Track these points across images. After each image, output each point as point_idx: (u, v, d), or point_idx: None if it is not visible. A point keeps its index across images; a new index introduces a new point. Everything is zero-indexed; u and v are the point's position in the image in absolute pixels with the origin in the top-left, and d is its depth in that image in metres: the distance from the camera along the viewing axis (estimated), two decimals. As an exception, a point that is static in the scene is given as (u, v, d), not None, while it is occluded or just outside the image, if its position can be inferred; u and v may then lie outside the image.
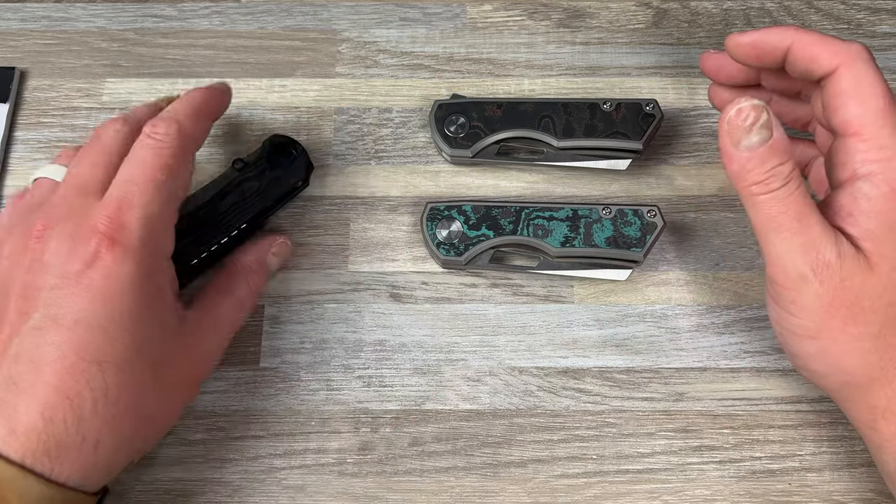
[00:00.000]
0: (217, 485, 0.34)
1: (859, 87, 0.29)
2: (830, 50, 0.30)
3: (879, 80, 0.30)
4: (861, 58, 0.30)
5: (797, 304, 0.29)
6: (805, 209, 0.29)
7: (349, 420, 0.36)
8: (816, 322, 0.29)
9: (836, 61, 0.30)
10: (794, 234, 0.29)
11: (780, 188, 0.28)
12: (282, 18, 0.44)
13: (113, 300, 0.27)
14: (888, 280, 0.28)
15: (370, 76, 0.43)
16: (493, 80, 0.43)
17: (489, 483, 0.35)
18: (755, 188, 0.29)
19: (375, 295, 0.38)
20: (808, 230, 0.29)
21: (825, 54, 0.30)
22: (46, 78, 0.43)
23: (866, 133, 0.29)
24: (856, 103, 0.29)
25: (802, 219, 0.29)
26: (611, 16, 0.45)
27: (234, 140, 0.41)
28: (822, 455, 0.35)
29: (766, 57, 0.32)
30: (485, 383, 0.36)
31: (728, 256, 0.39)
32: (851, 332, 0.29)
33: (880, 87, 0.29)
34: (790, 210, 0.29)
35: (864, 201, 0.29)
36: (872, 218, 0.29)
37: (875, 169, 0.29)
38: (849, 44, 0.30)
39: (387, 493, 0.34)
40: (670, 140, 0.41)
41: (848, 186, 0.29)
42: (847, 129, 0.30)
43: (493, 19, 0.45)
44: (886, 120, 0.29)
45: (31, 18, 0.44)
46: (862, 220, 0.29)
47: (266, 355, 0.37)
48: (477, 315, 0.38)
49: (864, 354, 0.29)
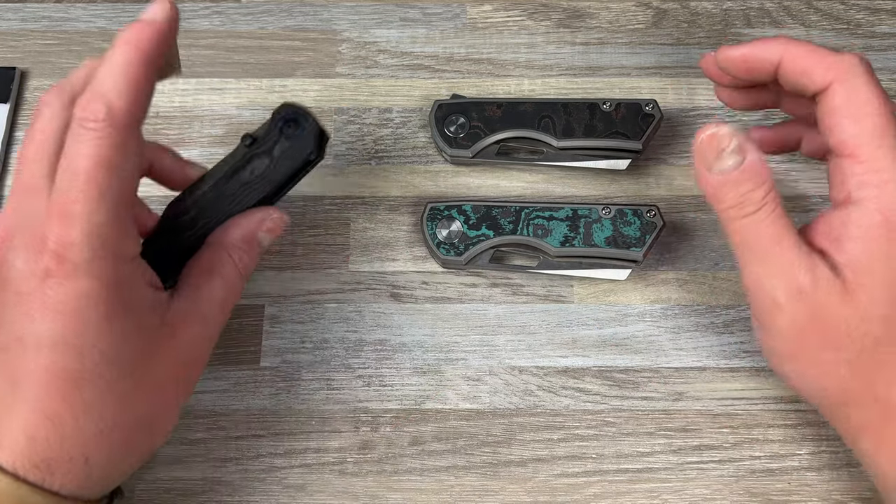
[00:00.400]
0: (217, 484, 0.35)
1: (854, 104, 0.28)
2: (823, 63, 0.28)
3: (876, 96, 0.28)
4: (855, 72, 0.28)
5: (773, 327, 0.29)
6: (781, 232, 0.28)
7: (349, 419, 0.36)
8: (791, 346, 0.29)
9: (829, 76, 0.28)
10: (768, 258, 0.28)
11: (755, 212, 0.28)
12: (282, 19, 0.44)
13: (73, 316, 0.25)
14: (865, 311, 0.27)
15: (370, 76, 0.43)
16: (493, 81, 0.43)
17: (489, 482, 0.35)
18: (730, 211, 0.28)
19: (376, 295, 0.38)
20: (783, 255, 0.28)
21: (817, 68, 0.29)
22: (47, 78, 0.43)
23: (862, 154, 0.27)
24: (850, 122, 0.28)
25: (778, 243, 0.28)
26: (610, 16, 0.45)
27: (234, 141, 0.41)
28: (821, 454, 0.35)
29: (758, 72, 0.31)
30: (485, 383, 0.37)
31: (727, 256, 0.39)
32: (827, 357, 0.28)
33: (877, 103, 0.28)
34: (765, 234, 0.28)
35: (853, 228, 0.27)
36: (859, 247, 0.27)
37: (870, 194, 0.27)
38: (842, 56, 0.28)
39: (387, 493, 0.34)
40: (670, 140, 0.42)
41: (842, 209, 0.28)
42: (842, 150, 0.28)
43: (493, 19, 0.45)
44: (884, 139, 0.27)
45: (32, 19, 0.44)
46: (848, 248, 0.27)
47: (266, 355, 0.37)
48: (477, 315, 0.38)
49: (841, 379, 0.29)
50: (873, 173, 0.27)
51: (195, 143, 0.41)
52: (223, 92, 0.42)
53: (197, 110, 0.42)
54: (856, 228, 0.27)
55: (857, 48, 0.43)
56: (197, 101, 0.42)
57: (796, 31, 0.44)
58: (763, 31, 0.44)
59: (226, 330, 0.37)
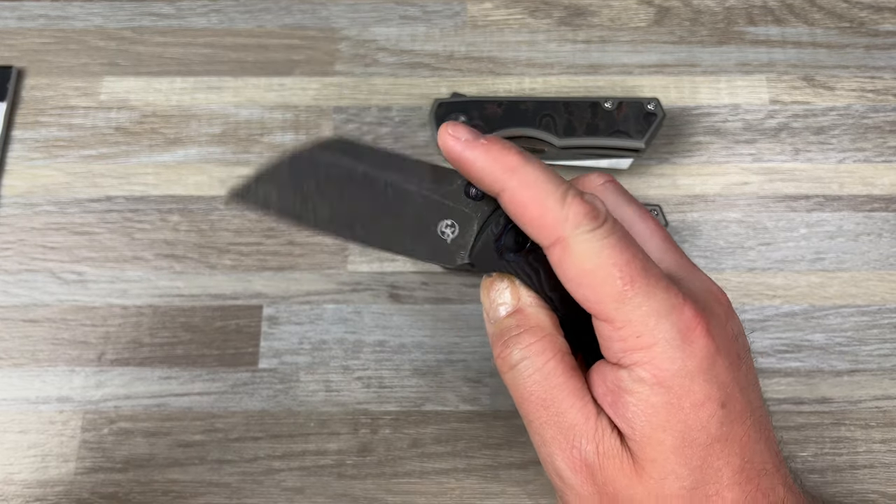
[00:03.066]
0: (215, 486, 0.34)
1: (584, 271, 0.23)
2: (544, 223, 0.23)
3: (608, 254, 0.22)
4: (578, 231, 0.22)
5: (564, 501, 0.25)
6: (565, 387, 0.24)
7: (348, 421, 0.35)
8: None
9: (550, 238, 0.23)
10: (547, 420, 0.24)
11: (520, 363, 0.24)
12: (280, 16, 0.44)
13: None
14: (659, 489, 0.23)
15: (370, 74, 0.43)
16: (493, 79, 0.43)
17: (490, 485, 0.34)
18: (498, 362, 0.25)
19: (375, 295, 0.38)
20: (562, 416, 0.23)
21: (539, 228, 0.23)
22: (44, 77, 0.42)
23: (617, 321, 0.23)
24: (588, 292, 0.23)
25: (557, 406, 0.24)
26: (612, 14, 0.44)
27: (232, 139, 0.41)
28: (824, 456, 0.35)
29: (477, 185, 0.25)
30: (485, 384, 0.36)
31: (729, 256, 0.39)
32: None
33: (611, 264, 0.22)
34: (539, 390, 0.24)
35: (628, 395, 0.23)
36: (640, 416, 0.23)
37: (640, 359, 0.23)
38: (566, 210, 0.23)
39: (386, 495, 0.34)
40: (672, 139, 0.41)
41: (613, 371, 0.24)
42: (596, 315, 0.23)
43: (493, 17, 0.44)
44: (635, 300, 0.22)
45: (29, 17, 0.44)
46: (629, 415, 0.23)
47: (265, 356, 0.37)
48: (477, 315, 0.38)
49: None
50: (635, 338, 0.23)
51: (192, 141, 0.41)
52: (221, 90, 0.42)
53: (194, 109, 0.42)
54: (630, 396, 0.23)
55: (860, 46, 0.43)
56: (194, 100, 0.42)
57: (799, 28, 0.44)
58: (766, 29, 0.44)
59: (224, 331, 0.37)
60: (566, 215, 0.23)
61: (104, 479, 0.34)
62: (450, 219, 0.25)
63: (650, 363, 0.23)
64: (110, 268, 0.38)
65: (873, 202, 0.40)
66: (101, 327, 0.37)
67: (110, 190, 0.40)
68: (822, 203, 0.40)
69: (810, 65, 0.43)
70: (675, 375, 0.23)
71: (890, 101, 0.42)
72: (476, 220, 0.25)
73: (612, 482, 0.23)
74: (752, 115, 0.42)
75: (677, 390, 0.23)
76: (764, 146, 0.41)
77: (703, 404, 0.23)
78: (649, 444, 0.23)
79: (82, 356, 0.37)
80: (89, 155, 0.41)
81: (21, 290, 0.38)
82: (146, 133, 0.41)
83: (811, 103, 0.42)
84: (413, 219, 0.25)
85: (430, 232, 0.25)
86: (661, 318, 0.23)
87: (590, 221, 0.23)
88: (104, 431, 0.35)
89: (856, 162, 0.41)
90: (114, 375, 0.36)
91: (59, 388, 0.36)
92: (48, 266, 0.38)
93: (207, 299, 0.38)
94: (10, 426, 0.35)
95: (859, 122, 0.42)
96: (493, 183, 0.24)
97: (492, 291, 0.25)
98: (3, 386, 0.36)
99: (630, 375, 0.23)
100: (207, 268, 0.38)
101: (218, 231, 0.39)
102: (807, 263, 0.39)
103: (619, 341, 0.23)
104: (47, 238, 0.39)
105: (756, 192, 0.40)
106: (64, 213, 0.39)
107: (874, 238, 0.39)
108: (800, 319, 0.38)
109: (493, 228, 0.25)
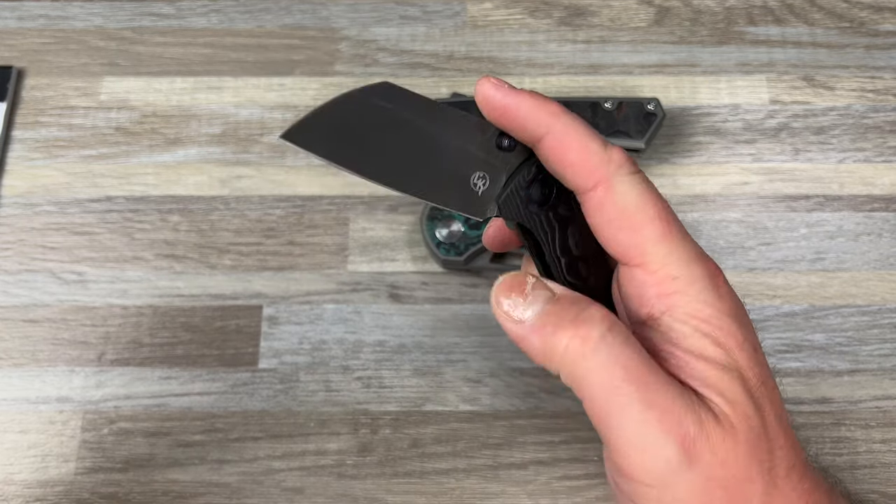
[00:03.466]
0: (215, 486, 0.34)
1: (626, 212, 0.23)
2: (587, 163, 0.23)
3: (649, 197, 0.23)
4: (623, 171, 0.23)
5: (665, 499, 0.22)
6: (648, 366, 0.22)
7: (348, 421, 0.35)
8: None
9: (594, 178, 0.23)
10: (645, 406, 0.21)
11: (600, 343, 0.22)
12: (280, 16, 0.44)
13: None
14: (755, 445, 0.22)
15: (370, 74, 0.43)
16: (493, 79, 0.43)
17: (490, 485, 0.34)
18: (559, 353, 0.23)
19: (375, 295, 0.38)
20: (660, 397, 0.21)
21: (581, 168, 0.23)
22: (44, 77, 0.42)
23: (652, 264, 0.23)
24: (627, 235, 0.23)
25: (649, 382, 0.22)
26: (612, 14, 0.44)
27: (232, 139, 0.41)
28: (824, 456, 0.35)
29: (516, 132, 0.25)
30: (485, 384, 0.36)
31: (730, 256, 0.39)
32: None
33: (651, 206, 0.23)
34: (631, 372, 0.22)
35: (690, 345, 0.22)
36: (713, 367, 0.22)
37: (673, 303, 0.23)
38: (610, 153, 0.23)
39: (386, 496, 0.34)
40: (672, 139, 0.41)
41: (655, 327, 0.23)
42: (629, 261, 0.23)
43: (493, 17, 0.44)
44: (671, 244, 0.23)
45: (29, 17, 0.44)
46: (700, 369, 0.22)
47: (264, 356, 0.37)
48: (477, 315, 0.38)
49: None
50: (670, 280, 0.23)
51: (192, 141, 0.41)
52: (221, 90, 0.42)
53: (194, 109, 0.42)
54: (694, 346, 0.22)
55: (860, 46, 0.43)
56: (194, 100, 0.42)
57: (799, 28, 0.44)
58: (766, 29, 0.44)
59: (224, 331, 0.37)
60: (610, 156, 0.23)
61: (104, 479, 0.34)
62: (482, 170, 0.25)
63: (687, 306, 0.22)
64: (110, 268, 0.38)
65: (873, 202, 0.40)
66: (101, 327, 0.37)
67: (110, 190, 0.40)
68: (822, 203, 0.40)
69: (810, 65, 0.43)
70: (711, 318, 0.23)
71: (890, 101, 0.42)
72: (504, 172, 0.25)
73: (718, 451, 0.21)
74: (752, 115, 0.42)
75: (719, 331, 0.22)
76: (764, 146, 0.41)
77: (743, 345, 0.23)
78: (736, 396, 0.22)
79: (82, 356, 0.37)
80: (89, 155, 0.41)
81: (21, 291, 0.38)
82: (146, 133, 0.41)
83: (811, 103, 0.42)
84: (449, 169, 0.25)
85: (464, 183, 0.25)
86: (692, 263, 0.23)
87: (631, 165, 0.24)
88: (104, 431, 0.35)
89: (856, 162, 0.41)
90: (114, 375, 0.36)
91: (59, 388, 0.36)
92: (48, 266, 0.38)
93: (207, 299, 0.38)
94: (10, 426, 0.35)
95: (859, 122, 0.42)
96: (536, 127, 0.24)
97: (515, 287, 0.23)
98: (3, 386, 0.36)
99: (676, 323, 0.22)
100: (207, 268, 0.38)
101: (218, 231, 0.39)
102: (807, 263, 0.39)
103: (654, 285, 0.23)
104: (47, 238, 0.39)
105: (756, 192, 0.40)
106: (64, 214, 0.39)
107: (874, 238, 0.39)
108: (800, 319, 0.38)
109: (522, 179, 0.25)
